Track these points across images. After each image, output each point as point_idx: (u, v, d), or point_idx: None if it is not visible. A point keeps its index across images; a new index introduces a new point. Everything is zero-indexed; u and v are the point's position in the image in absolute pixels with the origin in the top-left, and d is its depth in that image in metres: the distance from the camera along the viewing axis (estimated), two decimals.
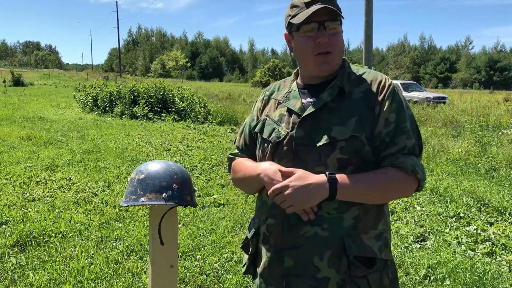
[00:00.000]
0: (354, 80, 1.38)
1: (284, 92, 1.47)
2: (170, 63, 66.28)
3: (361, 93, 1.34)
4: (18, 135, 9.12)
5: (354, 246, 1.29)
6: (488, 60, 65.75)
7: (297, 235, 1.32)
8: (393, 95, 1.33)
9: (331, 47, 1.33)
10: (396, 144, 1.30)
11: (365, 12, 12.03)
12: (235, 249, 3.71)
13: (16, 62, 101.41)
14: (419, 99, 19.45)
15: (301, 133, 1.33)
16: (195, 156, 7.61)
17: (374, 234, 1.33)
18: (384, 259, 1.34)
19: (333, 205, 1.29)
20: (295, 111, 1.37)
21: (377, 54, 72.33)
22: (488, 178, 6.29)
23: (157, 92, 13.94)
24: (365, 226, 1.32)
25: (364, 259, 1.29)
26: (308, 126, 1.33)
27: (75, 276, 3.20)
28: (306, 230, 1.31)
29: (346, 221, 1.30)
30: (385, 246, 1.35)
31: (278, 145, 1.38)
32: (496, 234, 4.14)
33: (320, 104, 1.34)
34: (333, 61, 1.35)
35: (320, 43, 1.31)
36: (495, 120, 12.01)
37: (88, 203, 4.92)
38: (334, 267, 1.30)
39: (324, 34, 1.31)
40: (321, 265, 1.30)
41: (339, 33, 1.34)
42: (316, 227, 1.30)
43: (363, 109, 1.31)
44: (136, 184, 1.43)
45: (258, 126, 1.48)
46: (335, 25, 1.33)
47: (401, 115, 1.32)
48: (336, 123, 1.30)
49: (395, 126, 1.31)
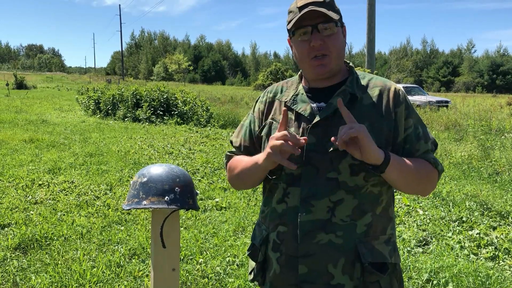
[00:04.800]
0: (362, 86, 1.36)
1: (291, 95, 1.43)
2: (172, 67, 66.43)
3: (371, 100, 1.33)
4: (21, 138, 9.14)
5: (368, 253, 1.29)
6: (491, 63, 65.69)
7: (312, 243, 1.30)
8: (405, 102, 1.34)
9: (326, 50, 1.31)
10: (418, 150, 1.33)
11: (368, 16, 12.04)
12: (237, 253, 3.70)
13: (19, 65, 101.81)
14: (422, 103, 19.42)
15: (313, 140, 1.31)
16: (197, 159, 7.62)
17: (384, 239, 1.34)
18: (394, 263, 1.35)
19: (347, 212, 1.28)
20: (305, 116, 1.35)
21: (380, 57, 72.33)
22: (491, 182, 6.27)
23: (160, 95, 13.97)
24: (376, 232, 1.32)
25: (377, 265, 1.30)
26: (320, 132, 1.31)
27: (77, 279, 3.20)
28: (320, 237, 1.29)
29: (359, 228, 1.30)
30: (394, 250, 1.36)
31: None
32: (499, 238, 4.12)
33: (331, 110, 1.31)
34: (329, 63, 1.32)
35: (314, 46, 1.30)
36: (498, 124, 11.98)
37: (90, 206, 4.93)
38: (348, 274, 1.29)
39: (317, 37, 1.29)
40: (335, 272, 1.29)
41: (335, 34, 1.31)
42: (330, 234, 1.29)
43: (374, 116, 1.31)
44: (138, 187, 1.43)
45: (265, 130, 1.44)
46: (329, 26, 1.30)
47: (416, 120, 1.35)
48: None
49: (414, 132, 1.33)
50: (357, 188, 1.29)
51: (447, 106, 19.48)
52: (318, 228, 1.29)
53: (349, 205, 1.29)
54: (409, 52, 77.27)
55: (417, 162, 1.30)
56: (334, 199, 1.29)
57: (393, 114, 1.31)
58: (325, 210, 1.29)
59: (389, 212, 1.38)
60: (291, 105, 1.39)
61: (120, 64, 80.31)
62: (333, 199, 1.29)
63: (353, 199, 1.29)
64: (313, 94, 1.39)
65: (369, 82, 1.37)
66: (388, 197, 1.37)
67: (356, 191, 1.29)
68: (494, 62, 66.04)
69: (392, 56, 70.42)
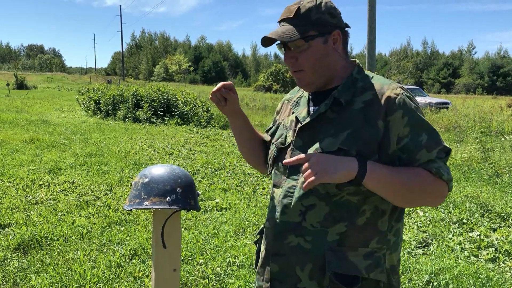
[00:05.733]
0: (359, 88, 1.30)
1: (297, 97, 1.46)
2: (173, 67, 66.43)
3: (362, 103, 1.27)
4: (22, 138, 9.14)
5: (336, 262, 1.24)
6: (491, 65, 65.66)
7: (283, 243, 1.33)
8: (404, 108, 1.23)
9: (299, 66, 1.31)
10: (418, 160, 1.22)
11: (368, 17, 12.05)
12: (238, 254, 3.70)
13: (20, 65, 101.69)
14: (422, 104, 19.44)
15: (300, 142, 1.33)
16: (197, 160, 7.62)
17: (364, 252, 1.26)
18: (375, 280, 1.26)
19: (317, 218, 1.27)
20: (299, 119, 1.37)
21: (380, 59, 72.29)
22: (491, 183, 6.27)
23: (161, 96, 13.98)
24: (354, 243, 1.26)
25: (346, 277, 1.24)
26: (306, 135, 1.32)
27: (78, 280, 3.20)
28: (290, 239, 1.31)
29: (330, 236, 1.26)
30: (375, 266, 1.26)
31: (281, 151, 1.39)
32: (499, 240, 4.12)
33: (315, 114, 1.31)
34: (305, 78, 1.33)
35: (287, 64, 1.33)
36: (498, 126, 11.98)
37: (91, 206, 4.93)
38: (316, 280, 1.28)
39: (288, 55, 1.31)
40: (302, 276, 1.30)
41: (308, 50, 1.28)
42: (299, 238, 1.30)
43: (360, 122, 1.24)
44: (140, 187, 1.43)
45: (272, 130, 1.51)
46: (298, 44, 1.28)
47: (418, 128, 1.23)
48: (330, 135, 1.26)
49: (413, 141, 1.22)
50: (328, 196, 1.25)
51: (447, 108, 19.49)
52: (289, 230, 1.32)
53: (320, 212, 1.26)
54: (409, 54, 77.25)
55: (410, 171, 1.20)
56: (306, 204, 1.29)
57: (381, 122, 1.22)
58: (297, 213, 1.30)
59: (378, 225, 1.28)
60: (293, 108, 1.43)
61: (120, 65, 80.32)
62: (305, 204, 1.29)
63: (325, 206, 1.26)
64: (315, 97, 1.39)
65: (369, 85, 1.29)
66: (373, 209, 1.27)
67: (327, 198, 1.25)
68: (494, 63, 66.01)
69: (392, 58, 70.47)
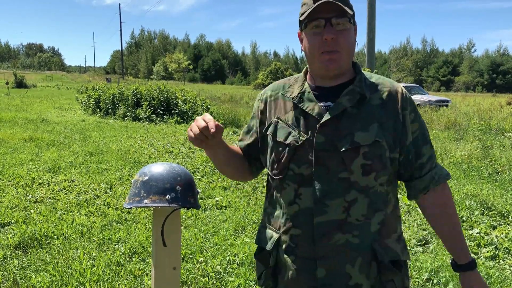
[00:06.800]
0: (369, 86, 1.34)
1: (297, 92, 1.38)
2: (172, 66, 66.33)
3: (379, 100, 1.32)
4: (21, 137, 9.14)
5: (382, 251, 1.30)
6: (491, 63, 65.71)
7: (329, 244, 1.29)
8: (412, 105, 1.34)
9: (338, 46, 1.27)
10: (424, 154, 1.35)
11: (368, 15, 12.04)
12: (237, 252, 3.70)
13: (19, 64, 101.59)
14: (422, 102, 19.43)
15: (322, 139, 1.28)
16: (197, 158, 7.61)
17: (396, 237, 1.35)
18: (404, 261, 1.37)
19: (362, 211, 1.28)
20: (313, 115, 1.31)
21: (380, 57, 72.23)
22: (491, 181, 6.27)
23: (160, 94, 13.96)
24: (388, 230, 1.33)
25: (391, 262, 1.31)
26: (329, 131, 1.28)
27: (77, 278, 3.20)
28: (337, 238, 1.28)
29: (373, 227, 1.30)
30: (405, 247, 1.37)
31: (296, 150, 1.32)
32: (499, 237, 4.12)
33: (339, 109, 1.28)
34: (340, 60, 1.28)
35: (326, 40, 1.25)
36: (498, 123, 11.98)
37: (90, 205, 4.93)
38: (365, 273, 1.29)
39: (330, 31, 1.25)
40: (353, 272, 1.29)
41: (347, 31, 1.28)
42: (347, 234, 1.28)
43: (383, 117, 1.30)
44: (139, 186, 1.43)
45: (270, 129, 1.41)
46: (343, 21, 1.26)
47: (421, 124, 1.36)
48: (358, 129, 1.27)
49: (420, 136, 1.35)
50: (367, 188, 1.28)
51: (447, 106, 19.50)
52: (334, 229, 1.28)
53: (363, 204, 1.28)
54: (409, 52, 77.13)
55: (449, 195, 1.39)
56: (348, 199, 1.27)
57: (401, 116, 1.31)
58: (341, 210, 1.27)
59: (397, 211, 1.39)
60: (297, 103, 1.36)
61: (120, 63, 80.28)
62: (347, 199, 1.27)
63: (364, 198, 1.28)
64: (319, 92, 1.35)
65: (378, 82, 1.36)
66: (394, 196, 1.38)
67: (367, 190, 1.28)
68: (494, 61, 66.03)
69: (392, 56, 70.36)
